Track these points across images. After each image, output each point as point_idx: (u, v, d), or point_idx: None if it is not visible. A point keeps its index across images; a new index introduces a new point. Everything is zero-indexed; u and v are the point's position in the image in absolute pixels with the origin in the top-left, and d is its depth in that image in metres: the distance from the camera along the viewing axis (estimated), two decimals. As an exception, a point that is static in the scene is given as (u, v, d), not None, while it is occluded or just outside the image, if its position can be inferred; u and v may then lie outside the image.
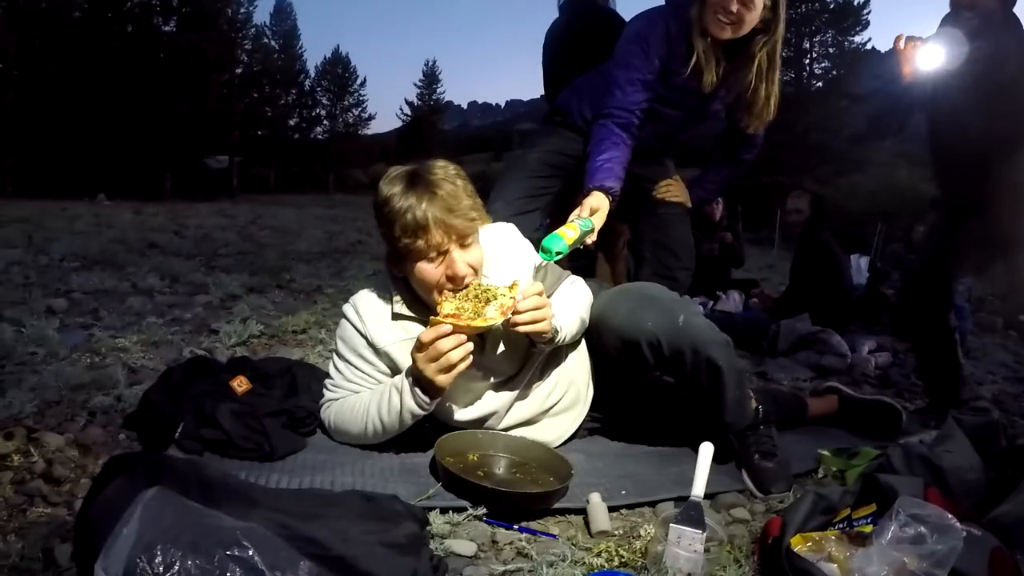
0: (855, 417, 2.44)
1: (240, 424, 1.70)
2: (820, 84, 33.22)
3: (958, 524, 1.09)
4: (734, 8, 2.16)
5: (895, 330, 4.77)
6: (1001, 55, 2.28)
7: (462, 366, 1.60)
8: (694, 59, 2.26)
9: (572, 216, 2.11)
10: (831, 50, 33.68)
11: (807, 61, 32.35)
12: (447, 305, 1.62)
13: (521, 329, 1.65)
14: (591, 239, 2.09)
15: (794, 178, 28.15)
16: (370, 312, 1.79)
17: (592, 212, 2.15)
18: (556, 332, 1.72)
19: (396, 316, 1.78)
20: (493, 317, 1.59)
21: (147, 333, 2.72)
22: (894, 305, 5.34)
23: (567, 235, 1.92)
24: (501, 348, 1.80)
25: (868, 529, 1.23)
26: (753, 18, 2.19)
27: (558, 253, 1.87)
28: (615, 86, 2.29)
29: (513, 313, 1.61)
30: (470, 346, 1.60)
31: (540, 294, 1.67)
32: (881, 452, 1.91)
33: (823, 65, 33.81)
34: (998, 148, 2.38)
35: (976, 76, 2.30)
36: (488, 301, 1.62)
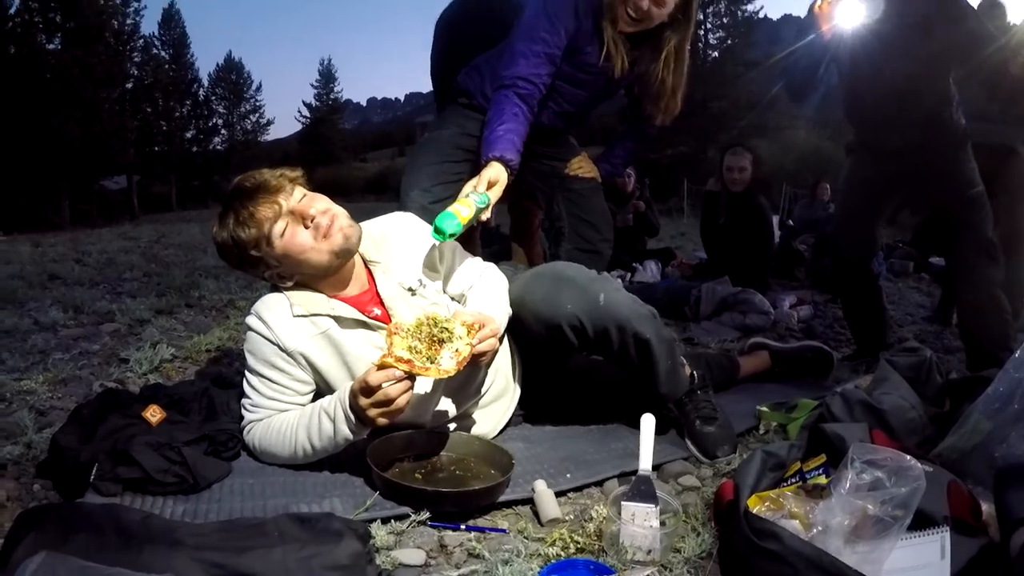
0: (788, 369, 2.49)
1: (158, 457, 1.56)
2: (715, 54, 34.18)
3: (917, 464, 1.08)
4: (644, 5, 2.13)
5: (814, 282, 4.95)
6: (912, 3, 2.38)
7: (405, 409, 1.51)
8: (604, 48, 2.22)
9: (466, 190, 1.91)
10: (725, 20, 34.68)
11: (702, 32, 33.17)
12: (399, 344, 1.49)
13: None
14: (486, 215, 1.91)
15: (697, 148, 28.95)
16: (273, 316, 1.69)
17: (490, 186, 1.95)
18: None
19: (298, 316, 1.69)
20: (448, 369, 1.48)
21: (53, 371, 2.52)
22: (810, 259, 5.57)
23: (461, 213, 1.74)
24: None
25: (823, 481, 1.23)
26: (662, 15, 2.17)
27: (451, 235, 1.70)
28: (519, 56, 2.18)
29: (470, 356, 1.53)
30: (412, 388, 1.51)
31: (495, 335, 1.60)
32: (819, 402, 1.94)
33: (718, 35, 34.81)
34: (913, 89, 2.49)
35: (891, 24, 2.40)
36: (442, 342, 1.51)
